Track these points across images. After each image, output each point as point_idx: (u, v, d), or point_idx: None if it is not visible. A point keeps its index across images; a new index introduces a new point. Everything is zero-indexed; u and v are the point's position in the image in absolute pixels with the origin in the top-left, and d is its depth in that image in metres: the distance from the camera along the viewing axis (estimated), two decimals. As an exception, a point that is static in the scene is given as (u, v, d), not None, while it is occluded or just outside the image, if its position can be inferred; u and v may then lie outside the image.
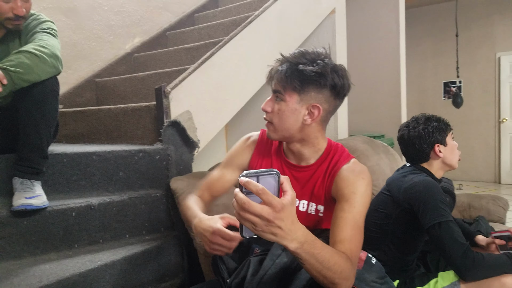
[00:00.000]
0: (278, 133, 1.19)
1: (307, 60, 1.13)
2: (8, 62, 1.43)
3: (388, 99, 4.33)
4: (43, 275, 1.36)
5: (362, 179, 1.15)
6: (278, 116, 1.16)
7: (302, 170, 1.24)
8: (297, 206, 1.22)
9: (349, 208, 1.10)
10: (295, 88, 1.13)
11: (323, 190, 1.20)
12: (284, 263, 1.08)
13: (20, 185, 1.54)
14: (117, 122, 2.14)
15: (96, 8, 2.96)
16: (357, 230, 1.09)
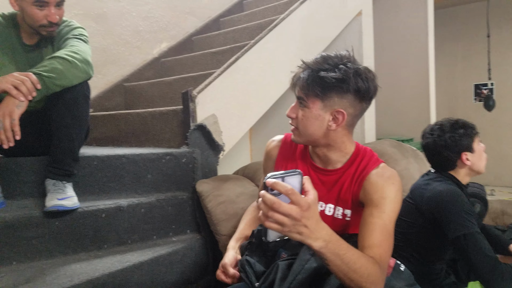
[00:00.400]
0: (303, 138, 1.20)
1: (329, 66, 1.12)
2: (42, 68, 1.46)
3: (417, 102, 4.25)
4: (74, 274, 1.40)
5: (392, 184, 1.13)
6: (302, 122, 1.17)
7: (329, 174, 1.22)
8: (323, 210, 1.22)
9: (378, 214, 1.09)
10: (317, 95, 1.12)
11: (350, 194, 1.18)
12: (314, 268, 1.07)
13: (53, 186, 1.58)
14: (145, 126, 2.18)
15: (124, 14, 3.03)
16: (387, 235, 1.07)
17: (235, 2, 3.85)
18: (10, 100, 1.37)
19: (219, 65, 2.37)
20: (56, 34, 1.70)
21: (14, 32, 1.67)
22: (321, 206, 1.22)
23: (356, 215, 1.18)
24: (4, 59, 1.64)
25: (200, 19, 3.57)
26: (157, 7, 3.24)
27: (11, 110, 1.36)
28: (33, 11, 1.57)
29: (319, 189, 1.19)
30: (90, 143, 2.42)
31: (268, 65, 2.43)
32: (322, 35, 2.84)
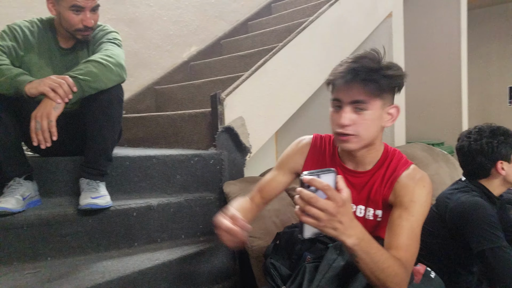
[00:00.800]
0: (362, 143, 1.13)
1: (377, 63, 1.09)
2: (78, 71, 1.51)
3: (448, 104, 4.15)
4: (106, 271, 1.43)
5: (423, 187, 1.12)
6: (364, 125, 1.10)
7: (359, 176, 1.22)
8: (354, 212, 1.21)
9: (407, 216, 1.08)
10: (379, 94, 1.09)
11: (381, 195, 1.18)
12: (341, 267, 1.08)
13: (87, 185, 1.63)
14: (174, 128, 2.23)
15: (156, 18, 3.10)
16: (414, 239, 1.07)
17: (263, 5, 3.87)
18: (48, 102, 1.42)
19: (247, 68, 2.40)
20: (91, 38, 1.75)
21: (52, 36, 1.74)
22: (352, 208, 1.21)
23: (387, 215, 1.17)
24: (41, 62, 1.71)
25: (229, 22, 3.61)
26: (187, 12, 3.30)
27: (49, 111, 1.41)
28: (70, 15, 1.63)
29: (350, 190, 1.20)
30: (122, 144, 2.49)
31: (296, 68, 2.44)
32: (351, 37, 2.82)
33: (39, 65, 1.71)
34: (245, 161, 2.12)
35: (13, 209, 1.50)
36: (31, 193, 1.62)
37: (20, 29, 1.67)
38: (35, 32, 1.71)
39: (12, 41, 1.62)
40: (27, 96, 1.42)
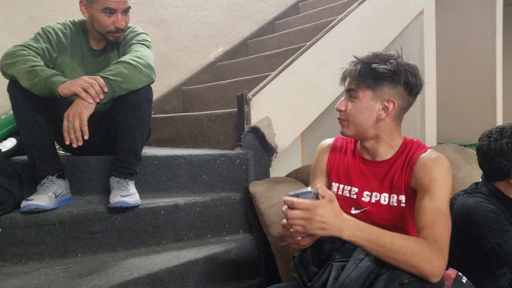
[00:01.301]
0: (352, 129, 1.24)
1: (380, 60, 1.19)
2: (108, 72, 1.54)
3: (482, 105, 4.02)
4: (134, 268, 1.46)
5: (440, 165, 1.14)
6: (352, 112, 1.22)
7: (379, 165, 1.26)
8: (378, 200, 1.24)
9: (429, 197, 1.11)
10: (369, 85, 1.19)
11: (403, 181, 1.20)
12: (368, 267, 1.07)
13: (117, 184, 1.67)
14: (201, 128, 2.25)
15: (184, 19, 3.14)
16: (439, 215, 1.08)
17: (290, 5, 3.85)
18: (80, 102, 1.45)
19: (273, 68, 2.40)
20: (121, 40, 1.79)
21: (84, 38, 1.79)
22: (376, 196, 1.25)
23: (411, 201, 1.19)
24: (74, 64, 1.76)
25: (256, 22, 3.62)
26: (215, 12, 3.32)
27: (81, 111, 1.44)
28: (102, 17, 1.67)
29: (371, 180, 1.26)
30: (151, 144, 2.54)
31: (324, 67, 2.41)
32: (381, 36, 2.78)
33: (71, 66, 1.75)
34: (271, 161, 2.12)
35: (46, 206, 1.54)
36: (63, 191, 1.67)
37: (54, 32, 1.72)
38: (68, 34, 1.76)
39: (46, 43, 1.67)
40: (60, 97, 1.46)
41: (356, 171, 1.30)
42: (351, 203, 1.30)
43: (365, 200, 1.26)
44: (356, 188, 1.29)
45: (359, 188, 1.28)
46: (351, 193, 1.30)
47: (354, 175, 1.30)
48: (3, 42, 2.32)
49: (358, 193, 1.28)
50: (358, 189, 1.28)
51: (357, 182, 1.29)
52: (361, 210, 1.27)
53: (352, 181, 1.30)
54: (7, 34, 2.34)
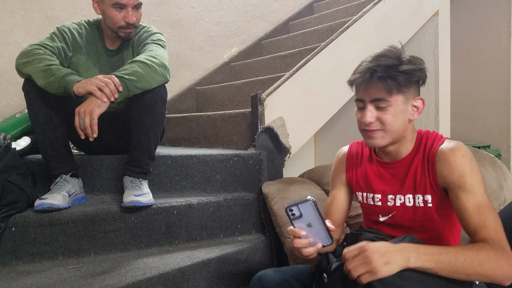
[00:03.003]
0: (388, 138, 1.16)
1: (396, 59, 1.12)
2: (124, 71, 1.54)
3: (496, 106, 3.95)
4: (147, 268, 1.45)
5: (462, 156, 1.09)
6: (389, 121, 1.13)
7: (397, 165, 1.21)
8: (403, 203, 1.20)
9: (465, 195, 1.06)
10: (400, 90, 1.11)
11: (426, 178, 1.15)
12: None
13: (130, 183, 1.67)
14: (215, 128, 2.24)
15: (198, 20, 3.14)
16: (485, 211, 1.03)
17: (305, 5, 3.84)
18: (93, 100, 1.45)
19: (287, 68, 2.38)
20: (134, 37, 1.79)
21: (98, 37, 1.80)
22: (400, 199, 1.20)
23: (438, 199, 1.15)
24: (89, 63, 1.77)
25: (270, 23, 3.61)
26: (229, 13, 3.32)
27: (92, 109, 1.43)
28: (113, 13, 1.68)
29: (393, 183, 1.21)
30: (164, 143, 2.54)
31: (338, 68, 2.39)
32: (396, 36, 2.74)
33: (86, 65, 1.76)
34: (284, 162, 2.11)
35: (60, 205, 1.54)
36: (76, 190, 1.67)
37: (69, 31, 1.73)
38: (83, 33, 1.77)
39: (61, 42, 1.68)
40: (75, 96, 1.46)
41: (376, 176, 1.26)
42: (378, 211, 1.26)
43: (390, 205, 1.22)
44: (379, 195, 1.24)
45: (382, 194, 1.24)
46: (374, 200, 1.26)
47: (374, 181, 1.26)
48: (19, 41, 2.34)
49: (382, 199, 1.24)
50: (381, 195, 1.24)
51: (379, 187, 1.25)
52: (389, 216, 1.23)
53: (374, 188, 1.26)
54: (23, 33, 2.36)
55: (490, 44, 3.98)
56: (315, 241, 1.07)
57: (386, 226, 1.25)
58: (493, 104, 3.97)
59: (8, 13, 2.32)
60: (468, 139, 4.06)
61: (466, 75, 4.06)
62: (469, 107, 4.09)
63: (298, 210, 1.05)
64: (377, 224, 1.27)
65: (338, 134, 3.21)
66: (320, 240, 1.08)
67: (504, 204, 1.90)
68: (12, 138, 1.95)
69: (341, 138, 3.21)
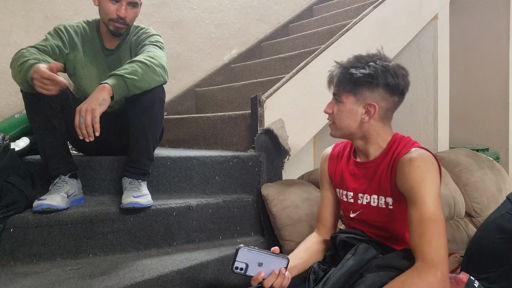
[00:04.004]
0: (339, 132, 1.27)
1: (361, 63, 1.19)
2: (123, 70, 1.53)
3: (495, 109, 3.96)
4: (145, 269, 1.44)
5: (417, 167, 1.10)
6: (338, 116, 1.24)
7: (368, 166, 1.26)
8: (369, 202, 1.25)
9: (412, 206, 1.10)
10: (350, 91, 1.20)
11: (388, 182, 1.20)
12: (350, 266, 1.12)
13: (129, 184, 1.66)
14: (214, 129, 2.24)
15: (199, 21, 3.14)
16: (425, 223, 1.05)
17: (305, 8, 3.84)
18: (94, 98, 1.43)
19: (287, 70, 2.38)
20: (123, 34, 1.79)
21: (97, 36, 1.81)
22: (367, 198, 1.26)
23: (399, 203, 1.18)
24: (86, 60, 1.78)
25: (270, 25, 3.61)
26: (229, 15, 3.32)
27: (94, 107, 1.42)
28: (107, 4, 1.69)
29: (362, 182, 1.27)
30: (163, 145, 2.54)
31: (337, 71, 2.39)
32: (395, 39, 2.75)
33: (83, 62, 1.77)
34: (283, 164, 2.10)
35: (58, 206, 1.54)
36: (75, 191, 1.67)
37: (65, 29, 1.74)
38: (80, 32, 1.78)
39: (56, 40, 1.69)
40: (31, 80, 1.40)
41: (350, 175, 1.32)
42: (349, 207, 1.32)
43: (359, 202, 1.28)
44: (351, 192, 1.30)
45: (353, 192, 1.30)
46: (348, 197, 1.32)
47: (348, 179, 1.32)
48: (19, 42, 2.34)
49: (354, 196, 1.30)
50: (353, 193, 1.30)
51: (351, 185, 1.30)
52: (357, 213, 1.29)
53: (347, 185, 1.32)
54: (22, 33, 2.36)
55: (489, 47, 3.99)
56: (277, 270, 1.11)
57: (357, 222, 1.31)
58: (492, 107, 3.98)
59: (8, 14, 2.32)
60: (467, 142, 4.06)
61: (465, 78, 4.07)
62: (468, 110, 4.10)
63: (241, 262, 1.08)
64: (349, 219, 1.34)
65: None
66: (280, 266, 1.11)
67: (503, 207, 1.90)
68: (11, 138, 1.95)
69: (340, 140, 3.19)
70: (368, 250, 1.16)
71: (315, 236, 1.40)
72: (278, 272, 1.10)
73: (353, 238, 1.24)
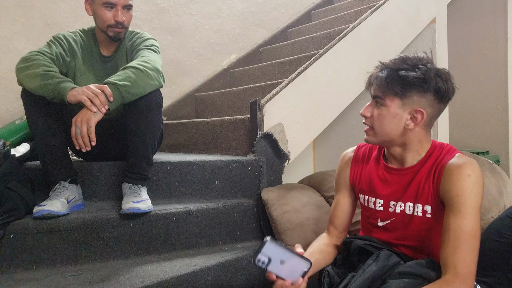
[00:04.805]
0: (378, 138, 1.19)
1: (408, 66, 1.12)
2: (116, 77, 1.53)
3: (494, 112, 3.97)
4: (145, 275, 1.44)
5: (468, 176, 1.06)
6: (379, 121, 1.16)
7: (404, 173, 1.20)
8: (403, 210, 1.19)
9: (454, 215, 1.05)
10: (397, 93, 1.12)
11: (429, 189, 1.14)
12: (373, 272, 1.09)
13: (129, 190, 1.66)
14: (214, 134, 2.25)
15: (198, 27, 3.16)
16: (463, 237, 1.02)
17: (303, 13, 3.86)
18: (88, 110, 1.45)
19: (286, 75, 2.39)
20: (123, 37, 1.79)
21: (94, 44, 1.81)
22: (401, 206, 1.20)
23: (437, 210, 1.14)
24: (84, 68, 1.78)
25: (269, 30, 3.62)
26: (228, 20, 3.34)
27: (89, 117, 1.43)
28: (103, 11, 1.70)
29: (396, 189, 1.20)
30: (163, 150, 2.54)
31: (336, 74, 2.40)
32: (393, 43, 2.76)
33: (82, 71, 1.78)
34: (283, 168, 2.11)
35: (58, 212, 1.53)
36: (75, 197, 1.67)
37: (64, 38, 1.75)
38: (78, 40, 1.79)
39: (58, 49, 1.70)
40: (68, 103, 1.46)
41: (380, 181, 1.25)
42: (378, 215, 1.26)
43: (390, 211, 1.22)
44: (381, 200, 1.24)
45: (384, 199, 1.23)
46: (376, 205, 1.25)
47: (378, 186, 1.25)
48: (19, 48, 2.35)
49: (384, 204, 1.23)
50: (384, 200, 1.23)
51: (381, 192, 1.24)
52: (388, 222, 1.23)
53: (377, 192, 1.25)
54: (23, 40, 2.37)
55: (487, 50, 4.01)
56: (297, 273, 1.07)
57: (383, 230, 1.25)
58: (491, 110, 3.99)
59: (9, 21, 2.33)
60: (467, 145, 4.07)
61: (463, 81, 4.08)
62: (467, 113, 4.11)
63: (265, 256, 1.03)
64: (374, 227, 1.28)
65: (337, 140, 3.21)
66: (301, 269, 1.07)
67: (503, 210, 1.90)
68: (12, 144, 1.95)
69: (339, 144, 3.21)
70: (390, 256, 1.13)
71: (327, 238, 1.37)
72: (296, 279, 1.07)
73: (370, 246, 1.20)
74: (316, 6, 3.95)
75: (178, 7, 3.04)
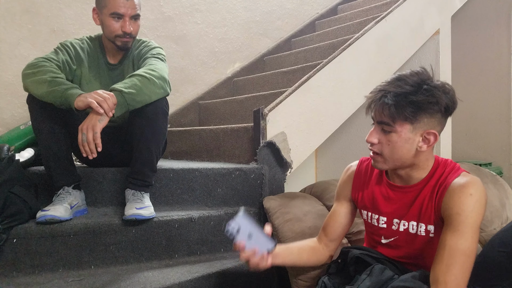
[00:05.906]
0: (389, 164, 1.15)
1: (413, 87, 1.07)
2: (122, 85, 1.55)
3: (497, 124, 3.97)
4: (147, 282, 1.44)
5: (469, 195, 1.05)
6: (389, 147, 1.12)
7: (408, 191, 1.19)
8: (407, 228, 1.19)
9: (451, 232, 1.04)
10: (407, 118, 1.08)
11: (432, 208, 1.13)
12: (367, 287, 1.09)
13: (132, 196, 1.67)
14: (217, 142, 2.25)
15: (202, 36, 3.18)
16: (458, 256, 1.02)
17: (307, 23, 3.88)
18: (94, 116, 1.46)
19: (289, 84, 2.40)
20: (130, 46, 1.81)
21: (100, 52, 1.83)
22: (404, 225, 1.19)
23: (440, 230, 1.13)
24: (90, 76, 1.79)
25: (273, 39, 3.65)
26: (233, 29, 3.36)
27: (94, 124, 1.45)
28: (110, 22, 1.71)
29: (399, 207, 1.19)
30: (166, 157, 2.55)
31: (340, 84, 2.41)
32: (397, 54, 2.78)
33: (88, 78, 1.79)
34: (285, 177, 2.11)
35: (61, 217, 1.55)
36: (78, 202, 1.67)
37: (72, 45, 1.76)
38: (85, 48, 1.80)
39: (65, 56, 1.71)
40: (75, 110, 1.48)
41: (383, 198, 1.24)
42: (381, 233, 1.25)
43: (394, 229, 1.21)
44: (384, 217, 1.23)
45: (388, 217, 1.22)
46: (379, 222, 1.24)
47: (381, 203, 1.24)
48: (25, 54, 2.38)
49: (387, 221, 1.23)
50: (387, 218, 1.23)
51: (384, 210, 1.23)
52: (391, 240, 1.22)
53: (380, 209, 1.24)
54: (29, 46, 2.40)
55: (490, 62, 4.02)
56: (260, 249, 1.16)
57: (387, 247, 1.25)
58: (494, 121, 3.99)
59: (15, 27, 2.36)
60: (470, 157, 4.06)
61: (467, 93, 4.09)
62: (470, 125, 4.11)
63: (236, 224, 1.14)
64: (378, 244, 1.27)
65: (339, 150, 3.22)
66: (264, 247, 1.16)
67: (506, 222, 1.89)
68: (16, 149, 1.96)
69: (342, 154, 3.22)
70: (384, 271, 1.12)
71: (315, 242, 1.37)
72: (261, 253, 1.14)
73: (367, 256, 1.20)
74: (320, 16, 3.97)
75: (183, 15, 3.07)
